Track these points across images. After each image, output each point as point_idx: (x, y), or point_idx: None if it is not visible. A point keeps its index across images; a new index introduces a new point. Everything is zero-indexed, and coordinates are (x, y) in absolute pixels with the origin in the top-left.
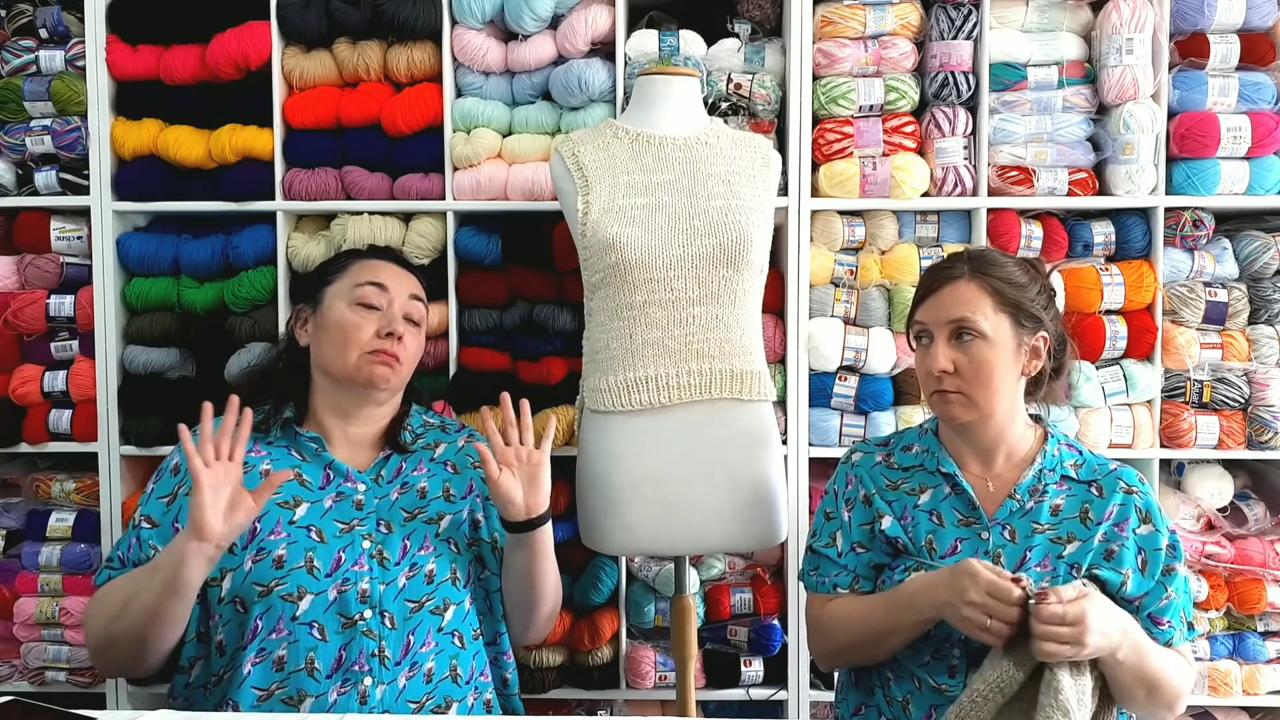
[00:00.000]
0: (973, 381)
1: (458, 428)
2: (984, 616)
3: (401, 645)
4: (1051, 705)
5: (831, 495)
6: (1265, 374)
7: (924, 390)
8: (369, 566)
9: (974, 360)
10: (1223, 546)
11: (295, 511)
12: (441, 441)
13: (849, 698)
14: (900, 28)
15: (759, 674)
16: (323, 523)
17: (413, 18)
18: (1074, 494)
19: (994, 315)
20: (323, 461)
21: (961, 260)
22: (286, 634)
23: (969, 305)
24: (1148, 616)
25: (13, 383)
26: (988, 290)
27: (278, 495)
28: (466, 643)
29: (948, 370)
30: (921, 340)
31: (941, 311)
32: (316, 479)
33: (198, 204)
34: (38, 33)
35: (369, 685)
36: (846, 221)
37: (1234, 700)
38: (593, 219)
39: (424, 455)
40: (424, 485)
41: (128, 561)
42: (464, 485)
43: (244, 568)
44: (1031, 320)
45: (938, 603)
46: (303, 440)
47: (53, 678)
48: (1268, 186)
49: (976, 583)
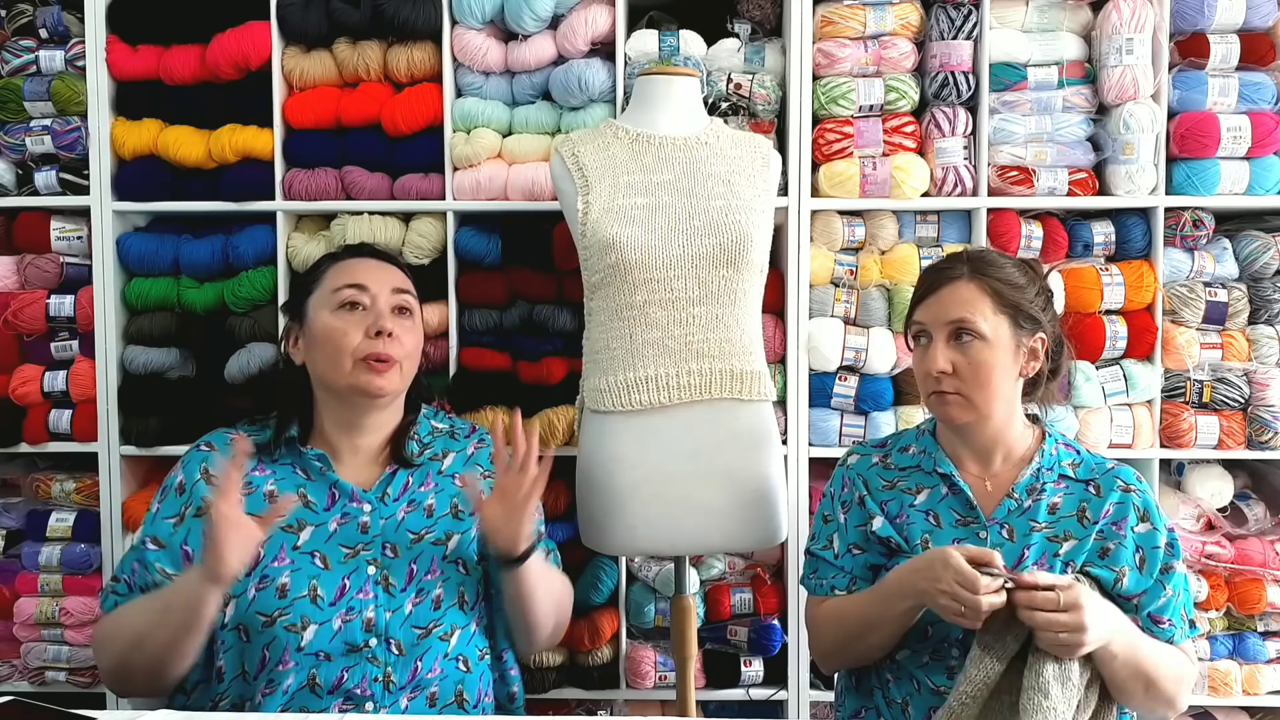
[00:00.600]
0: (971, 382)
1: (467, 431)
2: (957, 604)
3: (408, 672)
4: (1034, 688)
5: (828, 498)
6: (1265, 374)
7: (922, 390)
8: (374, 594)
9: (973, 361)
10: (1223, 546)
11: (299, 536)
12: (450, 450)
13: (848, 701)
14: (900, 28)
15: (759, 674)
16: (327, 548)
17: (413, 18)
18: (1071, 493)
19: (993, 316)
20: (328, 481)
21: (961, 260)
22: (293, 665)
23: (968, 306)
24: (1147, 615)
25: (13, 383)
26: (987, 291)
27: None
28: (472, 665)
29: (946, 371)
30: (920, 340)
31: (941, 311)
32: (321, 500)
33: (198, 204)
34: (38, 33)
35: (370, 710)
36: (846, 221)
37: (1234, 700)
38: (593, 219)
39: (431, 468)
40: (431, 502)
41: (134, 586)
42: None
43: (248, 595)
44: (1030, 321)
45: (918, 589)
46: (308, 458)
47: (53, 678)
48: (1268, 186)
49: (949, 570)
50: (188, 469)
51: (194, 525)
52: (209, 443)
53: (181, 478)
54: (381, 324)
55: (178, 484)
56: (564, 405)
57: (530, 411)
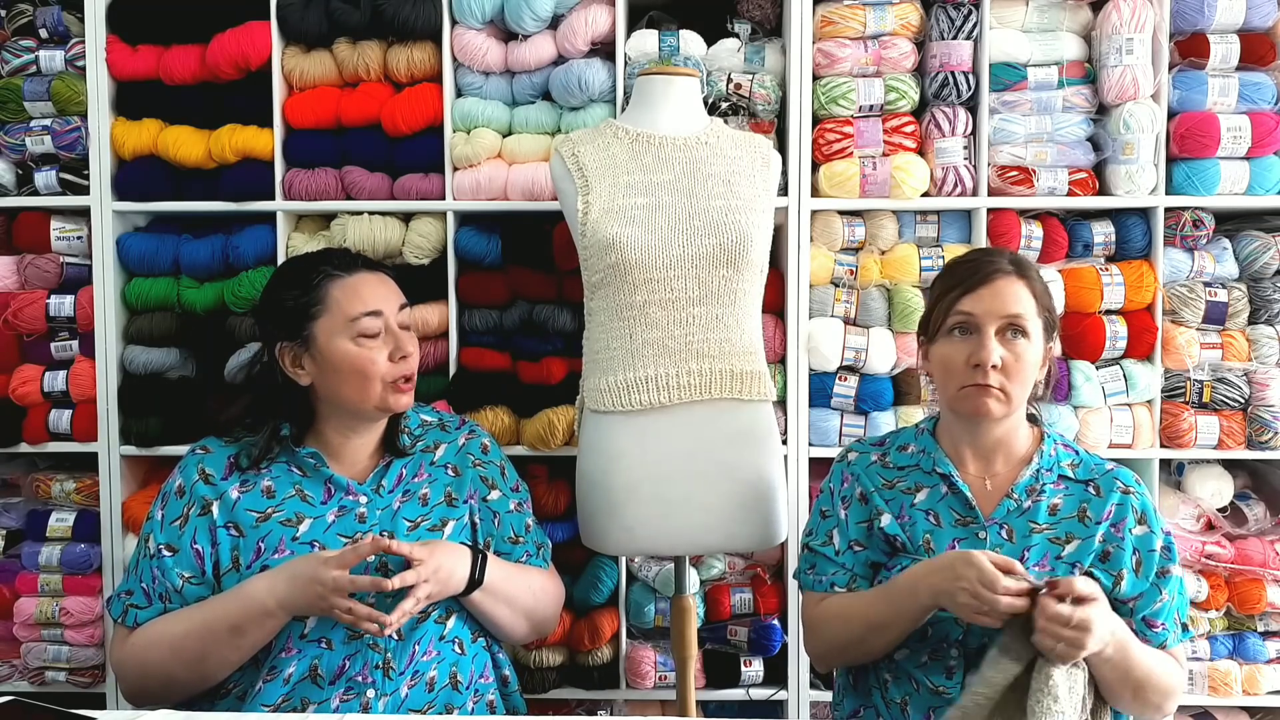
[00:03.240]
0: (1015, 379)
1: (457, 424)
2: (980, 604)
3: (406, 656)
4: (1043, 690)
5: (827, 493)
6: (1265, 374)
7: (952, 382)
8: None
9: (1020, 359)
10: (1223, 546)
11: (298, 528)
12: (441, 442)
13: (846, 702)
14: (900, 28)
15: (759, 674)
16: (326, 538)
17: (413, 18)
18: (1071, 493)
19: (1034, 317)
20: (322, 477)
21: (1002, 257)
22: (297, 652)
23: (1021, 303)
24: (1142, 619)
25: (13, 383)
26: (1032, 292)
27: (280, 513)
28: (466, 648)
29: (997, 364)
30: (959, 332)
31: (997, 305)
32: (318, 494)
33: (198, 204)
34: (38, 33)
35: (371, 697)
36: (846, 221)
37: (1234, 700)
38: (593, 219)
39: (424, 459)
40: (425, 492)
41: (153, 594)
42: (464, 488)
43: None
44: (1051, 328)
45: (936, 589)
46: (301, 457)
47: (53, 678)
48: (1268, 186)
49: (971, 569)
50: (185, 472)
51: (199, 524)
52: (204, 446)
53: (180, 481)
54: (405, 348)
55: (176, 488)
56: (564, 405)
57: (530, 411)
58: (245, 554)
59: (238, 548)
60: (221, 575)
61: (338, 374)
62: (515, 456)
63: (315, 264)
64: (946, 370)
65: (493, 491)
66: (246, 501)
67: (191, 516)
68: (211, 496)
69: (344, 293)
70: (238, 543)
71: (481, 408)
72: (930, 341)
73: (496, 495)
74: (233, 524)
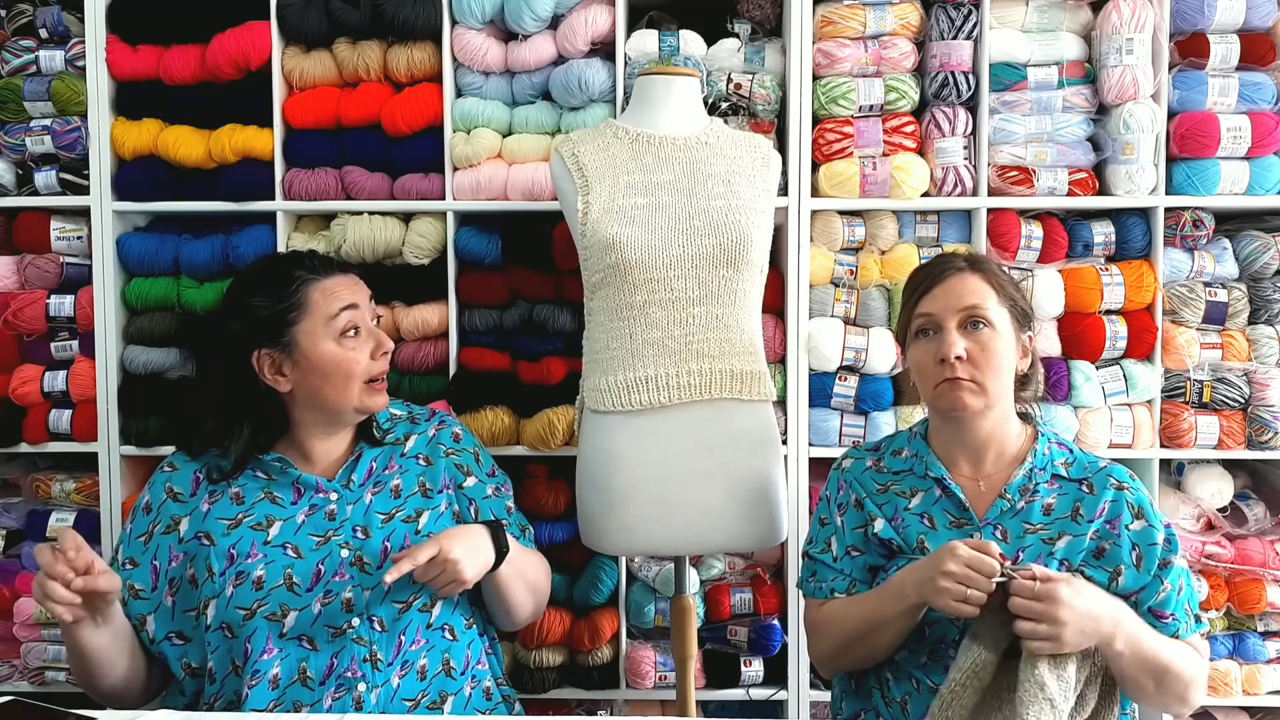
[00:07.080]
0: (985, 369)
1: (427, 416)
2: (960, 587)
3: (393, 647)
4: (1030, 680)
5: (825, 501)
6: (1265, 374)
7: (927, 384)
8: (350, 575)
9: (985, 347)
10: (1223, 546)
11: (269, 531)
12: (411, 434)
13: (845, 705)
14: (900, 28)
15: (759, 674)
16: (298, 538)
17: (413, 18)
18: (1065, 492)
19: (997, 308)
20: (290, 478)
21: (957, 257)
22: (278, 652)
23: (978, 294)
24: (1149, 610)
25: (13, 383)
26: (991, 283)
27: (250, 518)
28: (458, 634)
29: (962, 356)
30: (924, 335)
31: (953, 300)
32: (287, 496)
33: (198, 204)
34: (38, 33)
35: (363, 691)
36: (846, 221)
37: (1234, 700)
38: (593, 219)
39: (394, 451)
40: (397, 483)
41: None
42: (438, 477)
43: (225, 594)
44: (1023, 317)
45: (920, 581)
46: (266, 462)
47: (53, 678)
48: (1268, 186)
49: (955, 556)
50: (153, 490)
51: (162, 542)
52: (171, 463)
53: (148, 498)
54: (385, 344)
55: (144, 505)
56: (564, 405)
57: (530, 411)
58: (218, 561)
59: (209, 557)
60: (199, 585)
61: (321, 376)
62: (515, 456)
63: (290, 268)
64: (920, 373)
65: (468, 479)
66: (217, 511)
67: (155, 534)
68: (181, 514)
69: (322, 295)
70: (209, 552)
71: (481, 408)
72: (904, 349)
73: (472, 482)
74: (204, 534)
